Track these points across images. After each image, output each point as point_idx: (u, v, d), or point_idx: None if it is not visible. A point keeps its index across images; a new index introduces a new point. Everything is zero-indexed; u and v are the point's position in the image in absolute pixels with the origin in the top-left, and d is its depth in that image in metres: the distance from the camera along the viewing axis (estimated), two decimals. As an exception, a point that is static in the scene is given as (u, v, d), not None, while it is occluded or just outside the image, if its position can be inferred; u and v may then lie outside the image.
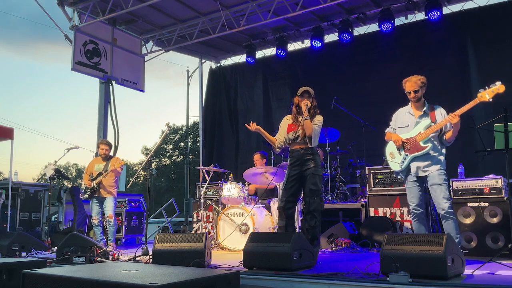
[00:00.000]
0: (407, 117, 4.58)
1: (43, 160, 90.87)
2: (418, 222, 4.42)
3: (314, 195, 4.74)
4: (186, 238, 4.45)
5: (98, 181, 6.59)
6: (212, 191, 7.60)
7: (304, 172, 4.83)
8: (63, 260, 4.82)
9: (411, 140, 4.43)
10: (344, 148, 7.90)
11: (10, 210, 7.55)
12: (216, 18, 9.27)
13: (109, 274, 2.93)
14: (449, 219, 4.22)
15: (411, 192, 4.46)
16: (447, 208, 4.21)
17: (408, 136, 4.48)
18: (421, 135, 4.37)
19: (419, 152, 4.37)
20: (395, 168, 4.59)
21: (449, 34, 8.59)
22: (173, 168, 39.81)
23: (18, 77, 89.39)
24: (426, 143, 4.35)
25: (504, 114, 4.11)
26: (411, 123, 4.51)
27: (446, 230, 4.23)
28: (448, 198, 4.25)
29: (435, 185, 4.28)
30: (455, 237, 4.19)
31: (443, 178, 4.28)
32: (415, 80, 4.45)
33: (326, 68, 9.88)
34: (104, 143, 6.96)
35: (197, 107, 12.17)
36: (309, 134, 4.80)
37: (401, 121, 4.63)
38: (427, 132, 4.34)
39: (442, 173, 4.30)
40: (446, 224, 4.25)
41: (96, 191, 6.61)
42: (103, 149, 6.85)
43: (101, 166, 6.78)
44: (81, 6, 8.78)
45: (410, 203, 4.47)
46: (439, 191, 4.25)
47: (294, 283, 3.47)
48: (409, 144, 4.44)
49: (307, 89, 4.94)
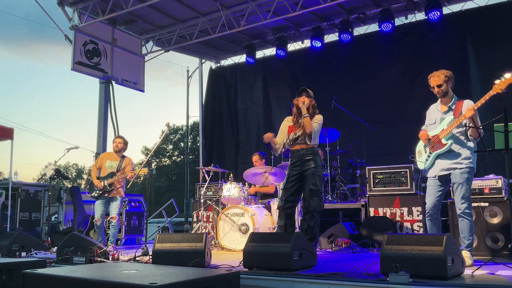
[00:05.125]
0: (434, 113, 4.46)
1: (43, 160, 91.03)
2: (431, 221, 4.34)
3: (314, 195, 4.74)
4: (186, 238, 4.44)
5: (110, 182, 6.36)
6: (212, 191, 7.60)
7: (304, 172, 4.83)
8: (63, 260, 4.82)
9: (435, 137, 4.32)
10: (344, 148, 7.89)
11: (10, 210, 7.55)
12: (216, 18, 9.27)
13: (109, 274, 2.93)
14: (465, 219, 4.14)
15: (429, 190, 4.38)
16: (464, 209, 4.12)
17: (434, 133, 4.36)
18: (443, 132, 4.25)
19: (440, 149, 4.26)
20: (421, 167, 4.49)
21: (449, 34, 8.59)
22: (173, 168, 39.78)
23: (17, 77, 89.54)
24: (447, 139, 4.23)
25: (504, 114, 4.10)
26: (438, 120, 4.39)
27: (460, 230, 4.18)
28: (467, 198, 4.14)
29: (456, 184, 4.18)
30: (468, 238, 4.13)
31: (465, 177, 4.14)
32: (438, 75, 4.30)
33: (326, 68, 9.87)
34: (120, 137, 6.72)
35: (197, 107, 12.18)
36: (309, 131, 4.80)
37: (430, 117, 4.50)
38: (449, 128, 4.21)
39: (465, 171, 4.15)
40: (460, 224, 4.19)
41: (107, 192, 6.38)
42: (116, 143, 6.60)
43: (113, 164, 6.55)
44: (81, 6, 8.78)
45: (426, 201, 4.39)
46: (459, 190, 4.14)
47: (294, 283, 3.47)
48: (433, 142, 4.33)
49: (304, 88, 4.98)
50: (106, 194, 6.43)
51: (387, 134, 8.39)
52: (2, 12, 78.28)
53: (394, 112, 8.75)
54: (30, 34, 79.18)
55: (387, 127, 8.44)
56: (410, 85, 8.73)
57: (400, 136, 7.79)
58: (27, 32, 78.85)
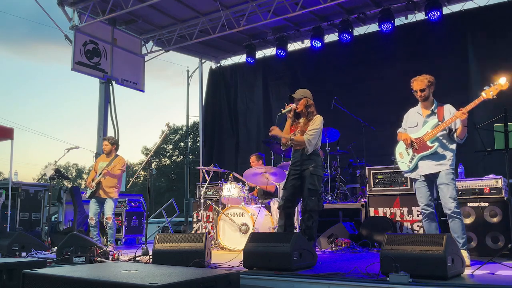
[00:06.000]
0: (416, 117, 4.56)
1: (43, 160, 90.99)
2: (428, 222, 4.39)
3: (312, 195, 4.76)
4: (186, 238, 4.44)
5: (97, 181, 6.56)
6: (212, 191, 7.60)
7: (303, 172, 4.86)
8: (63, 260, 4.82)
9: (419, 140, 4.41)
10: (344, 148, 7.89)
11: (10, 210, 7.54)
12: (216, 18, 9.27)
13: (109, 274, 2.93)
14: (456, 219, 4.19)
15: (419, 192, 4.44)
16: (453, 208, 4.18)
17: (416, 135, 4.45)
18: (428, 135, 4.35)
19: (426, 151, 4.35)
20: (404, 168, 4.56)
21: (449, 34, 8.59)
22: (173, 168, 39.77)
23: (17, 77, 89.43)
24: (433, 142, 4.33)
25: (504, 114, 4.11)
26: (420, 123, 4.49)
27: (452, 230, 4.20)
28: (455, 198, 4.21)
29: (442, 185, 4.25)
30: (461, 237, 4.17)
31: (451, 178, 4.24)
32: (422, 79, 4.43)
33: (326, 68, 9.88)
34: (105, 139, 6.92)
35: (197, 107, 12.19)
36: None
37: (411, 121, 4.60)
38: (434, 131, 4.31)
39: (450, 172, 4.26)
40: (452, 224, 4.22)
41: (95, 191, 6.58)
42: (103, 146, 6.85)
43: (104, 164, 6.72)
44: (81, 6, 8.78)
45: (419, 203, 4.45)
46: (446, 190, 4.22)
47: (294, 283, 3.47)
48: (417, 144, 4.41)
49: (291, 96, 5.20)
50: (96, 194, 6.60)
51: (387, 134, 8.30)
52: (2, 12, 78.28)
53: (394, 112, 8.61)
54: (30, 34, 79.29)
55: (387, 127, 8.36)
56: (410, 85, 8.71)
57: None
58: (27, 32, 78.96)
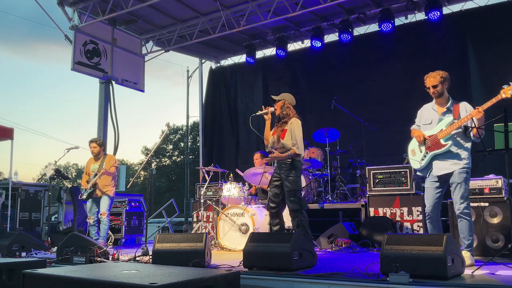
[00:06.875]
0: (430, 113, 4.46)
1: (43, 160, 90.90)
2: (431, 223, 4.37)
3: (290, 196, 4.91)
4: (186, 238, 4.45)
5: (93, 182, 6.67)
6: (212, 191, 7.60)
7: (280, 175, 5.01)
8: (63, 260, 4.82)
9: (433, 137, 4.33)
10: (344, 148, 7.89)
11: (10, 210, 7.55)
12: (216, 18, 9.26)
13: (109, 274, 2.93)
14: (464, 219, 4.16)
15: (427, 192, 4.40)
16: (462, 209, 4.14)
17: (430, 133, 4.37)
18: (442, 132, 4.27)
19: (439, 149, 4.28)
20: (415, 166, 4.50)
21: (449, 34, 8.59)
22: (173, 168, 39.76)
23: (17, 77, 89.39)
24: (446, 140, 4.25)
25: (504, 114, 4.10)
26: (434, 120, 4.40)
27: (460, 230, 4.19)
28: (466, 198, 4.16)
29: (455, 183, 4.20)
30: (467, 238, 4.14)
31: (464, 177, 4.18)
32: (434, 75, 4.32)
33: (326, 68, 9.87)
34: (93, 141, 6.99)
35: (197, 107, 12.18)
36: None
37: (425, 117, 4.50)
38: (448, 129, 4.23)
39: (463, 171, 4.19)
40: (460, 224, 4.20)
41: (92, 192, 6.70)
42: (91, 148, 6.94)
43: (96, 166, 6.85)
44: (81, 6, 8.77)
45: (425, 203, 4.41)
46: (458, 190, 4.17)
47: (294, 283, 3.47)
48: (430, 141, 4.34)
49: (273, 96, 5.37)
50: (93, 195, 6.72)
51: (387, 134, 8.37)
52: (2, 12, 78.31)
53: (394, 112, 8.73)
54: (30, 34, 79.24)
55: (387, 127, 8.42)
56: (410, 85, 8.69)
57: (400, 136, 7.77)
58: (27, 32, 78.91)
